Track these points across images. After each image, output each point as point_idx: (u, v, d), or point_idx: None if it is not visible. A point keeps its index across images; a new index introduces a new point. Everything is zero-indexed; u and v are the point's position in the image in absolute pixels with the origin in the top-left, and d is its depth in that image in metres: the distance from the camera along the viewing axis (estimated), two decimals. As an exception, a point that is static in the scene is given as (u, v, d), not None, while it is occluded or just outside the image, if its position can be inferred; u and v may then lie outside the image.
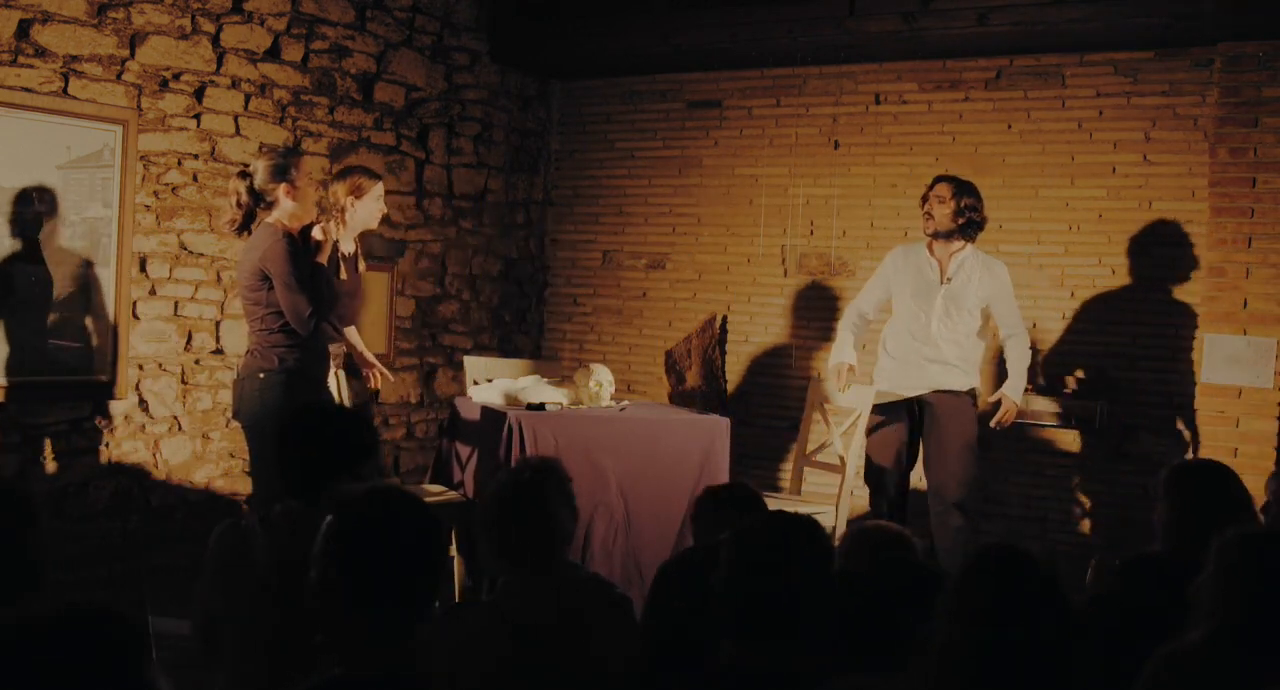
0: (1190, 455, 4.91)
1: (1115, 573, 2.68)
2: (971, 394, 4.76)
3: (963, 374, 4.73)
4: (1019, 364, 4.72)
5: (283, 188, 3.85)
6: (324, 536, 1.84)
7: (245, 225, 3.89)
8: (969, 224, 4.67)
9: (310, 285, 3.80)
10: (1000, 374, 5.47)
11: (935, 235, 4.72)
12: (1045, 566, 1.84)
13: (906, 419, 4.76)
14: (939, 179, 4.78)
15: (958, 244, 4.72)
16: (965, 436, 4.69)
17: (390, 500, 1.89)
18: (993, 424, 4.75)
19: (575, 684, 2.34)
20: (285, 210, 3.86)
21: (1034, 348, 5.44)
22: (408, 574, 1.81)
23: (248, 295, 3.86)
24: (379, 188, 4.21)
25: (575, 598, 2.44)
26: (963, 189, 4.68)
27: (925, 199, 4.75)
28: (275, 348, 3.83)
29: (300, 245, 3.84)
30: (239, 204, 3.86)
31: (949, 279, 4.71)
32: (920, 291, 4.76)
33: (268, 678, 2.29)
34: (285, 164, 3.89)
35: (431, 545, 1.87)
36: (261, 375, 3.82)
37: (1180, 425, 5.14)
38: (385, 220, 4.90)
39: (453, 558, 4.54)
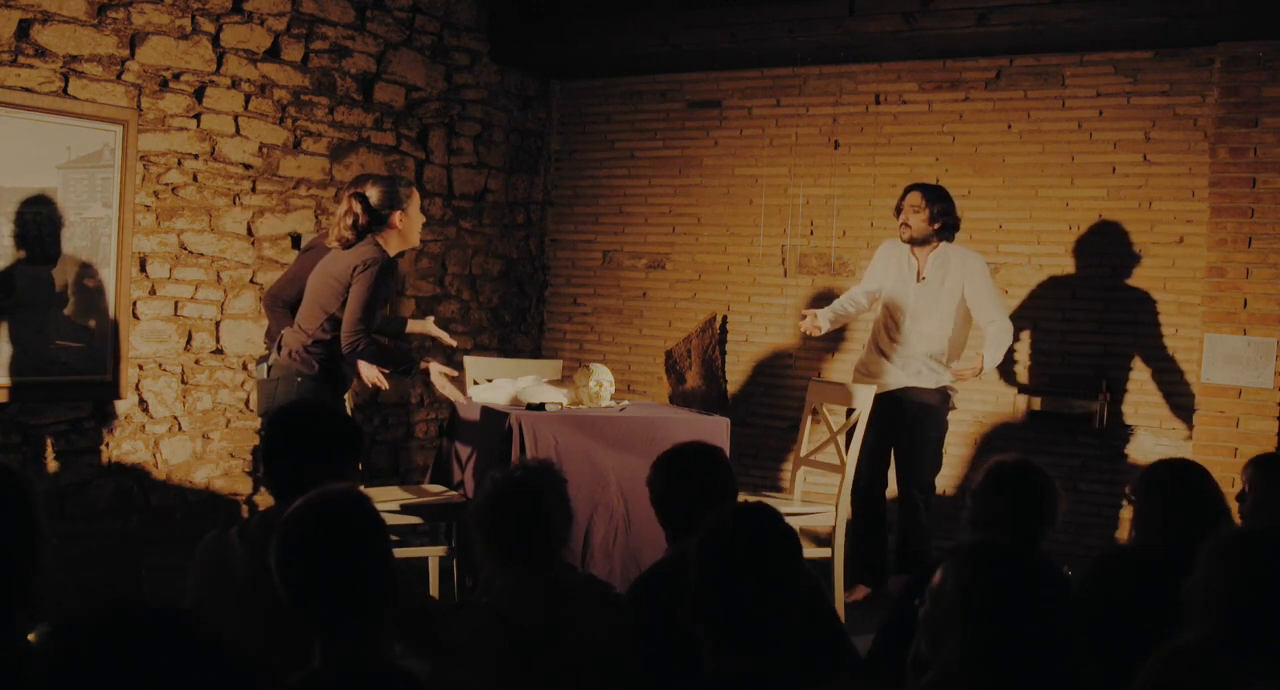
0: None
1: (1091, 570, 2.70)
2: (942, 392, 4.84)
3: (932, 372, 4.85)
4: (996, 338, 4.79)
5: (396, 215, 4.04)
6: (271, 551, 1.90)
7: (353, 244, 4.01)
8: (944, 227, 4.85)
9: (375, 316, 3.98)
10: (993, 377, 5.49)
11: (913, 242, 4.89)
12: (1046, 562, 1.84)
13: (883, 413, 4.81)
14: (910, 188, 4.94)
15: (935, 244, 4.88)
16: (929, 433, 4.85)
17: (323, 507, 1.92)
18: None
19: (572, 684, 2.34)
20: (392, 234, 4.05)
21: (1039, 348, 5.45)
22: (353, 574, 1.86)
23: (321, 294, 3.99)
24: (417, 196, 4.23)
25: (571, 598, 2.44)
26: (934, 195, 4.87)
27: (899, 209, 4.94)
28: (318, 355, 3.99)
29: (391, 274, 4.04)
30: (356, 225, 3.99)
31: (923, 278, 4.87)
32: (898, 289, 4.94)
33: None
34: (399, 193, 4.07)
35: (369, 542, 1.91)
36: (299, 379, 3.97)
37: (1180, 425, 5.14)
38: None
39: (452, 557, 4.55)
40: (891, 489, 5.08)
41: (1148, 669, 1.97)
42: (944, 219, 4.83)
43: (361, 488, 2.34)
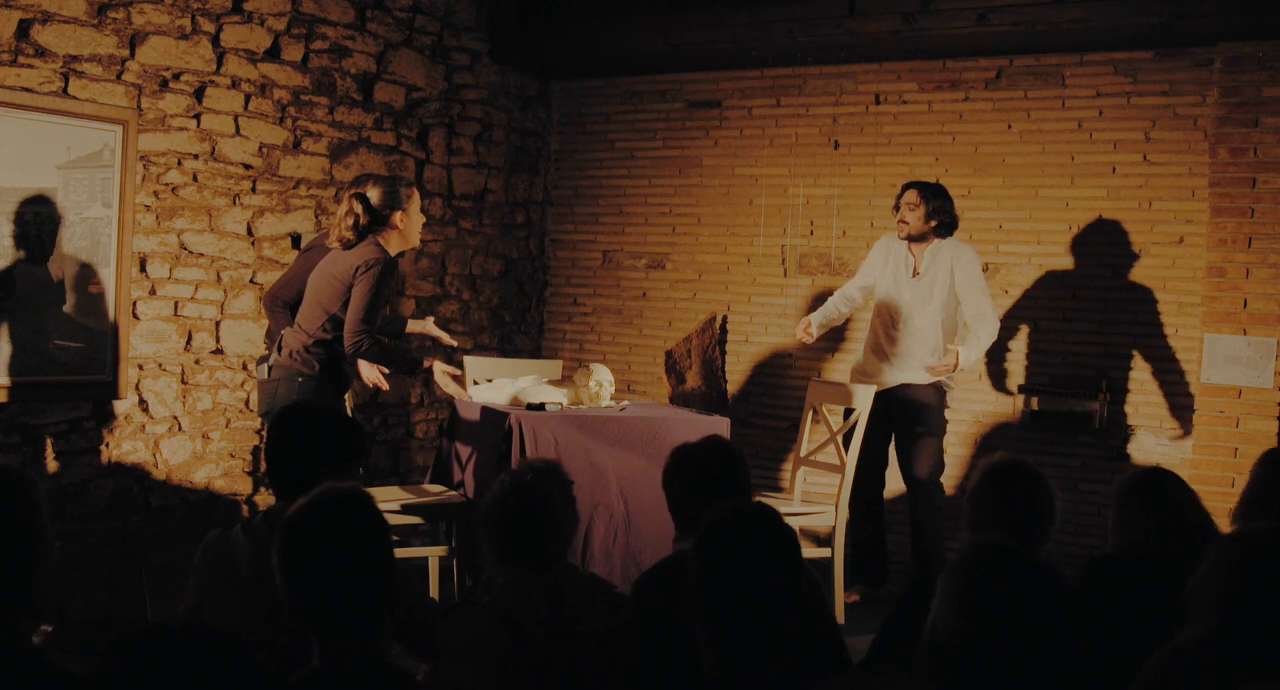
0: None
1: (1078, 577, 2.73)
2: (937, 388, 4.87)
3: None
4: (976, 334, 4.78)
5: (397, 215, 4.06)
6: (274, 549, 1.91)
7: (354, 245, 4.03)
8: (941, 224, 4.87)
9: (378, 316, 4.00)
10: (993, 377, 5.49)
11: (911, 239, 4.91)
12: (1047, 562, 1.84)
13: (880, 412, 4.82)
14: (907, 186, 4.95)
15: (931, 240, 4.91)
16: (927, 429, 4.85)
17: (326, 507, 1.93)
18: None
19: (573, 684, 2.34)
20: (392, 235, 4.08)
21: (1039, 348, 5.45)
22: (355, 574, 1.87)
23: (322, 294, 4.01)
24: (418, 196, 4.23)
25: (573, 598, 2.44)
26: (931, 192, 4.88)
27: (897, 206, 4.96)
28: (318, 355, 4.02)
29: (392, 274, 4.05)
30: (357, 225, 4.01)
31: (919, 273, 4.89)
32: (893, 286, 4.96)
33: None
34: (400, 193, 4.09)
35: (372, 542, 1.92)
36: (300, 379, 3.99)
37: (1180, 425, 5.14)
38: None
39: (452, 557, 4.55)
40: (890, 489, 5.08)
41: (1148, 668, 1.97)
42: (940, 216, 4.84)
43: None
